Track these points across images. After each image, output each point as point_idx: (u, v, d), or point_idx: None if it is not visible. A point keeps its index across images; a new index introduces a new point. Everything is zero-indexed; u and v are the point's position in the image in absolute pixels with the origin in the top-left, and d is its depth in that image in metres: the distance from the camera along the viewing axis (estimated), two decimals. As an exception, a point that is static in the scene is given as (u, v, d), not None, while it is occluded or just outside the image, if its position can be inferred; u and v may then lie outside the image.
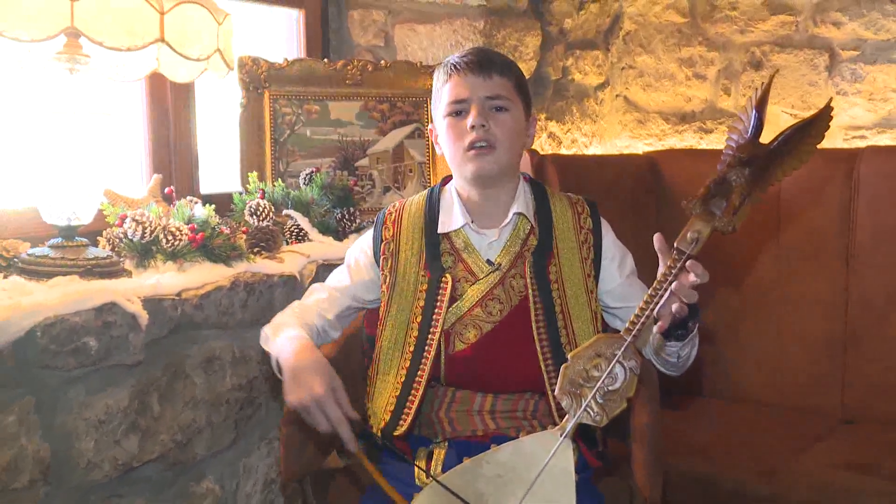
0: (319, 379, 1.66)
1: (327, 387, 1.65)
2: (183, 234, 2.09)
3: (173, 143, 2.51)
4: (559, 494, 1.58)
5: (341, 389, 1.67)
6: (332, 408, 1.63)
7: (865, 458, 2.39)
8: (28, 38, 1.73)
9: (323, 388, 1.64)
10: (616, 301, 1.92)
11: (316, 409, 1.64)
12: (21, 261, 1.91)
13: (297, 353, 1.72)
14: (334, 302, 1.96)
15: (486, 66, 1.83)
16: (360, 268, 1.98)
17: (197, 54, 1.93)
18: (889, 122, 3.04)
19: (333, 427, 1.64)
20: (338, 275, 2.01)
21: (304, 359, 1.71)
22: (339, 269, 2.02)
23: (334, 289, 1.98)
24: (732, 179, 1.59)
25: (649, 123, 3.52)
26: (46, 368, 1.78)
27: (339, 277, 2.00)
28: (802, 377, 2.81)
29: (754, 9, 3.24)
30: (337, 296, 1.97)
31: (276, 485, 2.36)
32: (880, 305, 2.69)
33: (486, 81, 1.83)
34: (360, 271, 1.97)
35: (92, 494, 1.92)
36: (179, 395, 2.06)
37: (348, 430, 1.64)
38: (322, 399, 1.63)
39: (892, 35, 3.01)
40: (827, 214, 2.77)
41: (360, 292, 1.98)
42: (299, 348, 1.74)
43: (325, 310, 1.94)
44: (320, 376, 1.66)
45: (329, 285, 1.99)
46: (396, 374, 1.85)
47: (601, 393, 1.59)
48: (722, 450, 2.51)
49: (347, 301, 1.97)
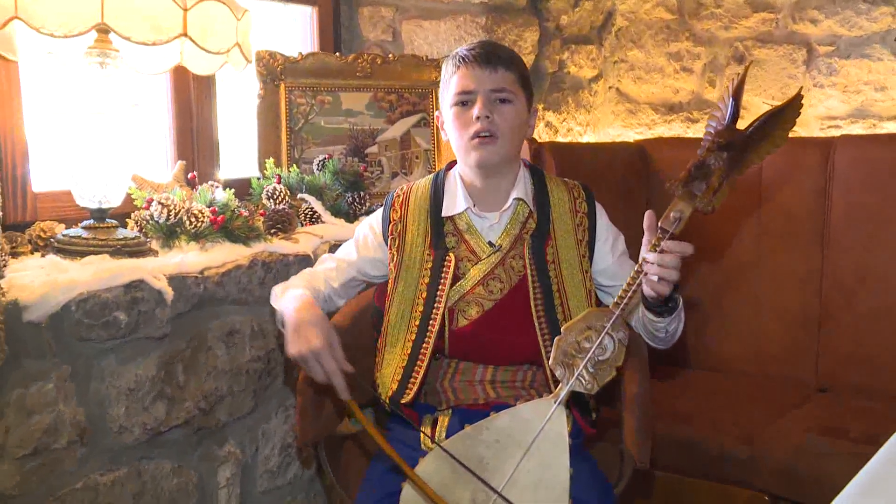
0: (317, 332, 1.66)
1: (324, 340, 1.65)
2: (205, 216, 2.10)
3: (196, 131, 2.51)
4: (554, 456, 1.59)
5: (337, 343, 1.67)
6: (328, 359, 1.64)
7: (836, 422, 2.40)
8: (62, 33, 1.74)
9: (320, 341, 1.65)
10: (609, 279, 1.93)
11: (313, 360, 1.65)
12: (57, 241, 1.93)
13: (299, 309, 1.73)
14: (341, 272, 1.98)
15: (492, 60, 1.82)
16: (367, 245, 1.98)
17: (217, 48, 1.93)
18: (861, 112, 3.03)
19: (328, 377, 1.64)
20: (346, 248, 2.02)
21: (305, 314, 1.71)
22: (348, 242, 2.03)
23: (342, 260, 1.99)
24: (711, 163, 1.59)
25: (640, 113, 3.51)
26: (81, 340, 1.80)
27: (348, 251, 2.01)
28: (779, 349, 2.82)
29: (737, 6, 3.22)
30: (344, 266, 1.98)
31: (293, 449, 2.37)
32: (851, 282, 2.70)
33: (492, 75, 1.82)
34: (367, 248, 1.98)
35: (123, 455, 1.94)
36: (202, 365, 2.07)
37: (342, 380, 1.64)
38: (319, 350, 1.64)
39: (864, 32, 3.01)
40: (804, 198, 2.77)
41: (365, 267, 1.99)
42: (301, 305, 1.75)
43: (332, 278, 1.96)
44: (318, 330, 1.67)
45: (337, 256, 2.01)
46: (403, 347, 1.86)
47: (592, 363, 1.60)
48: (705, 416, 2.52)
49: (353, 273, 1.99)
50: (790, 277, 2.80)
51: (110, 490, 1.90)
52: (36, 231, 1.98)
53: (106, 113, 1.90)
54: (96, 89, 1.90)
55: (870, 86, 3.01)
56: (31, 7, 1.73)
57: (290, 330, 1.71)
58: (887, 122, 2.99)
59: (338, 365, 1.65)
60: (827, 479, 2.15)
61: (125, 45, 1.85)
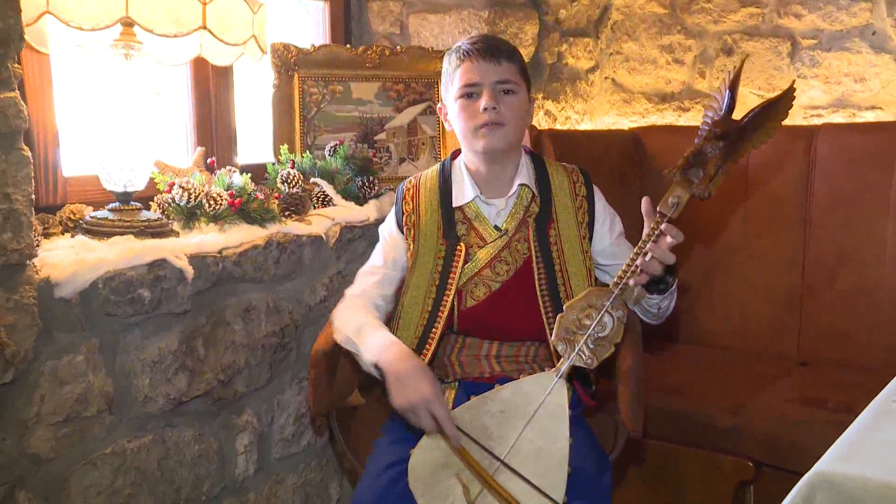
0: (426, 382, 1.62)
1: (434, 389, 1.62)
2: (223, 199, 2.09)
3: (214, 119, 2.50)
4: (554, 427, 1.60)
5: (440, 392, 1.64)
6: (439, 408, 1.60)
7: (816, 394, 2.41)
8: (90, 27, 1.73)
9: (431, 392, 1.61)
10: (607, 259, 1.92)
11: (424, 410, 1.60)
12: (85, 222, 1.92)
13: (399, 359, 1.67)
14: (388, 279, 1.93)
15: (495, 53, 1.81)
16: (395, 241, 1.94)
17: (235, 40, 1.92)
18: (842, 102, 3.03)
19: (440, 424, 1.60)
20: (377, 255, 1.97)
21: (408, 365, 1.66)
22: (376, 250, 1.98)
23: (379, 268, 1.94)
24: (708, 151, 1.59)
25: (634, 103, 3.50)
26: (108, 315, 1.80)
27: (379, 258, 1.96)
28: (764, 325, 2.83)
29: (726, 1, 3.21)
30: (387, 272, 1.93)
31: (306, 418, 2.38)
32: (832, 262, 2.70)
33: (496, 67, 1.80)
34: (397, 245, 1.94)
35: (149, 424, 1.95)
36: (221, 340, 2.07)
37: (453, 427, 1.60)
38: (431, 400, 1.60)
39: (844, 26, 2.99)
40: (788, 183, 2.77)
41: (400, 263, 1.94)
42: (400, 354, 1.68)
43: (383, 290, 1.91)
44: (427, 381, 1.63)
45: (375, 265, 1.95)
46: (415, 330, 1.85)
47: (592, 339, 1.60)
48: (694, 389, 2.53)
49: (397, 274, 1.94)
50: (775, 258, 2.80)
51: (137, 455, 1.91)
52: (66, 213, 1.98)
53: (131, 102, 1.89)
54: (122, 79, 1.89)
55: (850, 77, 3.00)
56: (61, 2, 1.73)
57: (393, 380, 1.65)
58: (866, 111, 2.99)
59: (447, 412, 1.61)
60: (807, 446, 2.15)
61: (148, 37, 1.84)
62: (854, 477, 1.17)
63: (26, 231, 1.61)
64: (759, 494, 2.29)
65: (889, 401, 1.45)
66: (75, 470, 1.79)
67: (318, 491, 2.46)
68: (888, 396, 1.47)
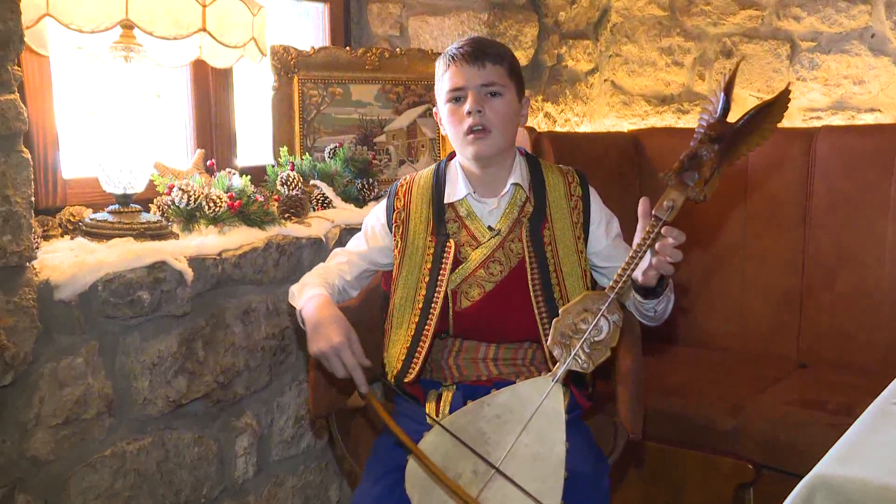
0: (337, 330, 1.67)
1: (344, 337, 1.66)
2: (223, 201, 2.09)
3: (214, 121, 2.50)
4: (551, 431, 1.59)
5: (356, 340, 1.68)
6: (348, 355, 1.65)
7: (815, 395, 2.41)
8: (89, 29, 1.73)
9: (340, 339, 1.65)
10: (603, 261, 1.91)
11: (334, 357, 1.65)
12: (85, 224, 1.92)
13: (319, 308, 1.73)
14: (353, 265, 1.95)
15: (479, 57, 1.80)
16: (375, 235, 1.96)
17: (234, 42, 1.92)
18: (841, 104, 3.03)
19: (349, 372, 1.65)
20: (356, 241, 2.00)
21: (325, 314, 1.71)
22: (357, 235, 2.00)
23: (353, 253, 1.97)
24: (703, 154, 1.58)
25: (633, 105, 3.49)
26: (107, 318, 1.80)
27: (357, 243, 1.99)
28: (763, 326, 2.82)
29: (725, 4, 3.21)
30: (355, 259, 1.96)
31: (305, 420, 2.37)
32: (831, 263, 2.70)
33: (481, 70, 1.80)
34: (376, 238, 1.96)
35: (148, 426, 1.94)
36: (221, 342, 2.07)
37: (361, 375, 1.65)
38: (339, 348, 1.65)
39: (843, 28, 2.99)
40: (787, 184, 2.76)
41: (375, 257, 1.96)
42: (320, 304, 1.74)
43: (345, 272, 1.94)
44: (338, 328, 1.67)
45: (348, 250, 1.99)
46: (407, 329, 1.85)
47: (588, 343, 1.60)
48: (693, 390, 2.52)
49: (364, 265, 1.96)
50: (774, 259, 2.79)
51: (136, 457, 1.91)
52: (65, 215, 1.98)
53: (130, 104, 1.89)
54: (121, 82, 1.89)
55: (849, 79, 3.00)
56: (60, 5, 1.73)
57: (310, 329, 1.71)
58: (865, 113, 2.98)
59: (357, 360, 1.65)
60: (807, 448, 2.16)
61: (148, 39, 1.84)
62: (853, 479, 1.17)
63: (26, 233, 1.61)
64: (759, 496, 2.29)
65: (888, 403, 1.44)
66: (75, 472, 1.79)
67: (318, 493, 2.45)
68: (888, 398, 1.47)
